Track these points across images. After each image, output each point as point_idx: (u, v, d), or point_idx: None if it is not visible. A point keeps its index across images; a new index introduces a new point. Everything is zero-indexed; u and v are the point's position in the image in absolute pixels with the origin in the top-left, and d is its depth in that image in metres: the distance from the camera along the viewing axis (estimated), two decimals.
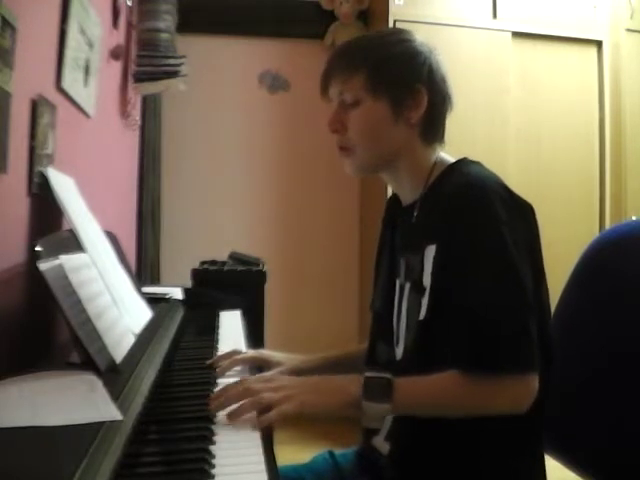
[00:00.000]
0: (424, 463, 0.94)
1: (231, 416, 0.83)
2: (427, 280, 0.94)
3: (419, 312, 0.94)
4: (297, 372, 1.19)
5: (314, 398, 0.86)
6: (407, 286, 1.00)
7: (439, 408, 0.89)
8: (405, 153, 1.03)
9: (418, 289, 0.96)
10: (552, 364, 0.94)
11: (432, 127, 1.04)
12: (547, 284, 0.96)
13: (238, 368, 1.16)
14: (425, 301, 0.93)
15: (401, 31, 1.09)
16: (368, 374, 0.88)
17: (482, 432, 0.89)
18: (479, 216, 0.89)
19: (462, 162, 1.03)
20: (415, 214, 1.03)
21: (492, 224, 0.88)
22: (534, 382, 0.85)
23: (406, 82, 1.01)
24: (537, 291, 0.91)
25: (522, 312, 0.86)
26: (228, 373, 1.13)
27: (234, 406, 0.85)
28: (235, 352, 1.19)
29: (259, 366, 1.22)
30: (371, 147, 1.04)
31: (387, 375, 0.87)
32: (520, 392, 0.85)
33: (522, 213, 0.94)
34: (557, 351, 0.96)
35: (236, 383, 0.90)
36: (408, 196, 1.07)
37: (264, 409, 0.83)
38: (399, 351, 1.01)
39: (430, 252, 0.94)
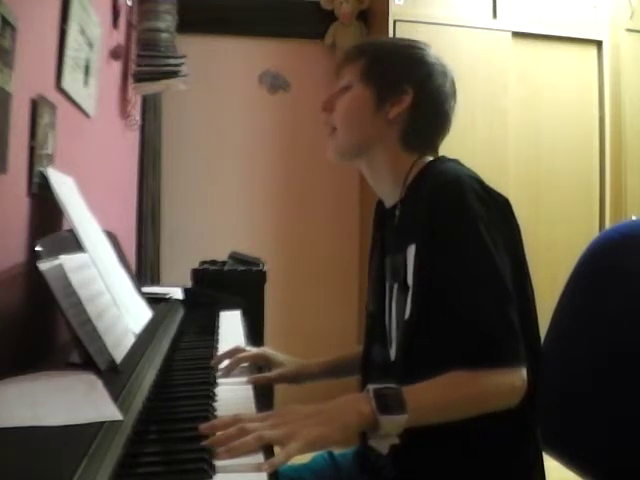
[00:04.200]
0: (423, 462, 0.93)
1: (230, 452, 0.72)
2: (410, 279, 0.95)
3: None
4: (297, 376, 1.20)
5: (321, 430, 0.78)
6: (395, 287, 1.01)
7: (451, 407, 0.87)
8: (382, 148, 1.06)
9: (403, 289, 0.97)
10: (540, 358, 0.94)
11: (414, 133, 1.05)
12: (531, 277, 0.97)
13: (244, 365, 1.16)
14: (409, 300, 0.94)
15: (419, 43, 1.12)
16: (374, 386, 0.83)
17: (478, 431, 0.89)
18: (456, 214, 0.90)
19: (438, 160, 1.05)
20: (397, 215, 1.04)
21: (469, 221, 0.89)
22: (524, 373, 0.86)
23: (396, 78, 1.05)
24: (521, 285, 0.92)
25: (504, 306, 0.87)
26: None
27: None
28: (238, 349, 1.19)
29: (259, 365, 1.22)
30: (347, 130, 1.08)
31: (393, 385, 0.84)
32: (515, 383, 0.86)
33: (499, 208, 0.94)
34: (557, 351, 0.97)
35: (230, 419, 0.79)
36: (389, 198, 1.09)
37: (266, 446, 0.75)
38: (392, 352, 1.01)
39: (411, 251, 0.95)
